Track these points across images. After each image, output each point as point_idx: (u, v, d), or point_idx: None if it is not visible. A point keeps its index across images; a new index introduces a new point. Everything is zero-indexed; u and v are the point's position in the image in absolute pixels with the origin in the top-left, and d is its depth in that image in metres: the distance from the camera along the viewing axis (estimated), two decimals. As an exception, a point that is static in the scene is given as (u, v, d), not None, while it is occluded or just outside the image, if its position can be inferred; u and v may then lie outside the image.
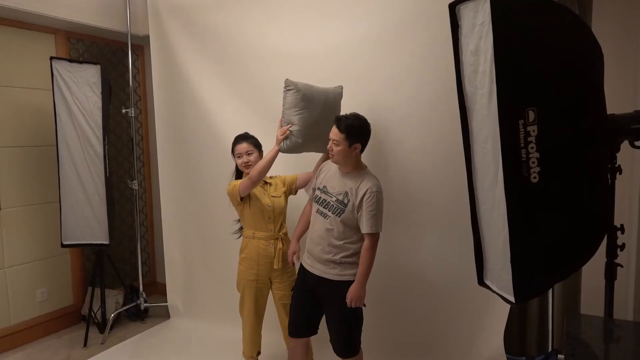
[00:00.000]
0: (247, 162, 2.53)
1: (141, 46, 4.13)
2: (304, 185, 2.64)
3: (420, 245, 2.79)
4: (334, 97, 2.56)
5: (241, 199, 2.50)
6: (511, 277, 1.72)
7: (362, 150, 2.33)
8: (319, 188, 2.41)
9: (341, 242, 2.28)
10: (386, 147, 2.78)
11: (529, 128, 1.67)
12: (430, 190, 2.73)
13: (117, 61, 4.00)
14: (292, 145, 2.43)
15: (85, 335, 3.36)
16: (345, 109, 2.49)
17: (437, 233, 2.75)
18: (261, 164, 2.41)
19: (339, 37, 2.83)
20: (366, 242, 2.24)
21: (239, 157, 2.57)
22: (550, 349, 2.43)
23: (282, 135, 2.41)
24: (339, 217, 2.27)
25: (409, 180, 2.76)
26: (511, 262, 1.71)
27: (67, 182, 3.09)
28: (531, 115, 1.66)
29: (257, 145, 2.60)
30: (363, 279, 2.24)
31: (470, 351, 2.69)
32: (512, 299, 1.75)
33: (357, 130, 2.27)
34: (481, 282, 2.01)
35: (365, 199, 2.23)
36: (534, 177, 1.70)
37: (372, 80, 2.75)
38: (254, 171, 2.42)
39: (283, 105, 2.45)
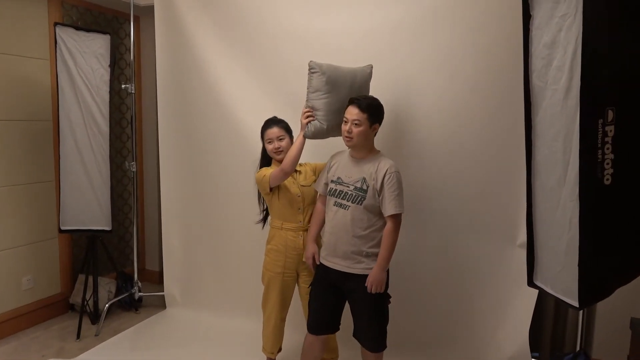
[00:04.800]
0: (279, 148, 2.39)
1: (137, 17, 3.83)
2: None
3: (440, 240, 2.74)
4: (362, 78, 2.43)
5: (270, 189, 2.36)
6: (577, 280, 1.67)
7: (375, 133, 2.28)
8: (332, 181, 2.31)
9: (366, 232, 2.20)
10: (414, 137, 2.70)
11: (607, 128, 1.61)
12: (452, 184, 2.68)
13: (112, 32, 3.69)
14: (316, 130, 2.32)
15: (79, 327, 3.13)
16: (376, 94, 2.37)
17: (459, 228, 2.71)
18: (291, 153, 2.28)
19: (372, 19, 2.71)
20: (389, 225, 2.17)
21: (269, 142, 2.42)
22: (578, 348, 2.45)
23: (305, 120, 2.31)
24: (360, 204, 2.18)
25: (432, 172, 2.69)
26: (579, 265, 1.66)
27: (68, 162, 2.83)
28: (610, 115, 1.60)
29: (287, 129, 2.47)
30: (384, 263, 2.17)
31: (491, 347, 2.68)
32: (575, 303, 1.70)
33: (377, 109, 2.23)
34: (531, 282, 1.97)
35: (386, 180, 2.16)
36: (607, 179, 1.64)
37: (406, 67, 2.64)
38: (286, 161, 2.28)
39: (307, 89, 2.34)
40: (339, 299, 2.32)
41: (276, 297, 2.46)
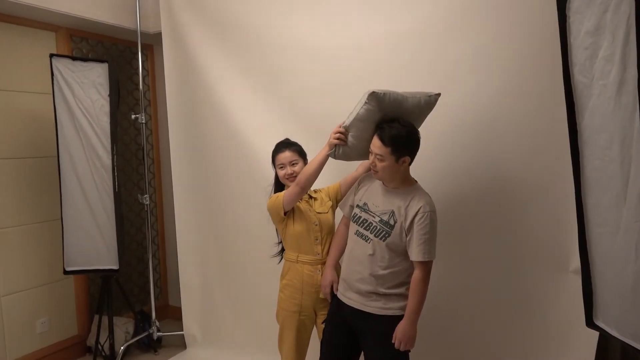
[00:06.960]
0: (292, 174, 2.15)
1: (150, 45, 3.76)
2: None
3: (478, 269, 2.40)
4: (420, 111, 2.00)
5: (285, 213, 2.13)
6: (651, 323, 1.32)
7: (410, 163, 1.92)
8: (358, 205, 2.01)
9: (386, 272, 1.89)
10: (443, 151, 2.40)
11: (677, 128, 1.28)
12: (490, 203, 2.35)
13: (125, 62, 3.63)
14: (344, 154, 2.03)
15: (92, 372, 2.96)
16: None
17: (500, 254, 2.36)
18: (310, 167, 2.03)
19: (384, 29, 2.47)
20: (417, 273, 1.85)
21: (281, 167, 2.19)
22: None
23: (335, 139, 1.97)
24: (383, 241, 1.88)
25: (465, 190, 2.38)
26: (652, 304, 1.31)
27: (70, 199, 2.68)
28: (679, 112, 1.27)
29: (301, 153, 2.23)
30: (414, 316, 1.85)
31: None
32: (652, 352, 1.35)
33: (404, 141, 1.85)
34: (590, 323, 1.61)
35: (417, 220, 1.83)
36: (682, 193, 1.30)
37: (431, 74, 2.37)
38: (302, 176, 2.04)
39: (354, 111, 1.95)
40: (354, 341, 2.01)
41: (291, 338, 2.19)
